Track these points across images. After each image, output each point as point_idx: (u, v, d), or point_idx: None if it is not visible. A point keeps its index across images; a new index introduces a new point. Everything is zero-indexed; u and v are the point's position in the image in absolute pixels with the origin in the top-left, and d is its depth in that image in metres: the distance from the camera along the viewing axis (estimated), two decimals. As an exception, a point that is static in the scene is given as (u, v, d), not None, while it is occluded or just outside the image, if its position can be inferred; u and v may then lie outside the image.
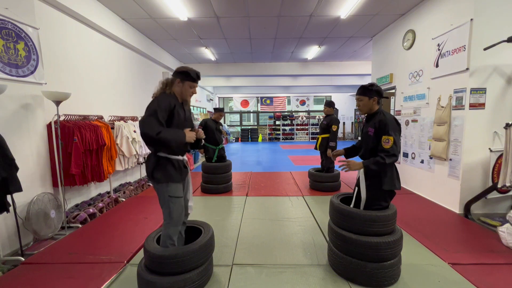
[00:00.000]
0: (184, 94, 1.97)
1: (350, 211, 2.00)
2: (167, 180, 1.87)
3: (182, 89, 1.95)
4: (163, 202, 1.92)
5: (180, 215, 1.95)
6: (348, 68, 8.92)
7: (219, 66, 9.03)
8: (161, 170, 1.87)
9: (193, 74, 1.95)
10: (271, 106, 16.07)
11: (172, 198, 1.89)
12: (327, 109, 4.45)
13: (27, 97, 2.83)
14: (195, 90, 2.02)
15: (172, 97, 1.92)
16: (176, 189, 1.92)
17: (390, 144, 1.91)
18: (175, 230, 1.92)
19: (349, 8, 4.45)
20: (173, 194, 1.89)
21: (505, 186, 2.89)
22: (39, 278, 2.09)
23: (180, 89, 1.95)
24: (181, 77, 1.93)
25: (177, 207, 1.91)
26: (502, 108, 3.26)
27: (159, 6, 4.39)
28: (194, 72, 1.97)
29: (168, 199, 1.89)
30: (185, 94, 1.97)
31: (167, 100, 1.86)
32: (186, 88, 1.95)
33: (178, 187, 1.94)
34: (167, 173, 1.87)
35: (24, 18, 2.79)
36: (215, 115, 4.57)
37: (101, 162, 3.71)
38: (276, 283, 2.01)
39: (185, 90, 1.96)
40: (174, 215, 1.90)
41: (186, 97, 1.98)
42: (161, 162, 1.88)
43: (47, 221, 2.85)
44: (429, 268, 2.18)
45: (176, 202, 1.91)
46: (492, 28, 3.14)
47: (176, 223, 1.92)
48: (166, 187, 1.88)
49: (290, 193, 4.32)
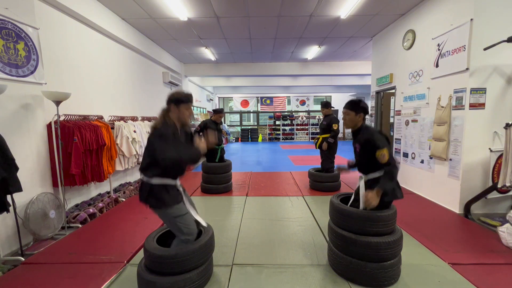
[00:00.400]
0: (182, 118, 1.99)
1: (350, 211, 2.00)
2: (166, 205, 1.88)
3: (179, 114, 1.98)
4: (169, 224, 1.95)
5: (192, 227, 1.96)
6: (348, 68, 8.92)
7: (219, 66, 9.03)
8: (157, 197, 1.86)
9: (184, 98, 1.97)
10: (271, 106, 16.07)
11: (178, 218, 1.90)
12: (325, 110, 4.48)
13: (27, 97, 2.83)
14: (191, 111, 2.05)
15: (171, 126, 1.95)
16: (179, 208, 1.93)
17: (386, 157, 1.91)
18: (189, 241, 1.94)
19: (349, 8, 4.45)
20: (177, 214, 1.90)
21: (505, 186, 2.89)
22: (39, 278, 2.10)
23: (177, 114, 1.97)
24: (174, 103, 1.96)
25: (186, 222, 1.93)
26: (502, 108, 3.26)
27: (159, 6, 4.39)
28: (184, 95, 1.99)
29: (174, 220, 1.90)
30: (183, 117, 1.99)
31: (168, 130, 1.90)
32: (182, 111, 1.98)
33: (179, 206, 1.95)
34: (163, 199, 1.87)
35: (24, 18, 2.79)
36: (214, 116, 4.56)
37: (101, 162, 3.71)
38: (276, 283, 2.01)
39: (182, 114, 1.98)
40: (185, 230, 1.92)
41: (184, 120, 2.01)
42: (155, 189, 1.87)
43: (46, 221, 2.84)
44: (429, 268, 2.18)
45: (183, 219, 1.92)
46: (492, 28, 3.14)
47: (189, 237, 1.94)
48: (166, 210, 1.89)
49: (290, 193, 4.32)
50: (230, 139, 15.53)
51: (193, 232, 1.96)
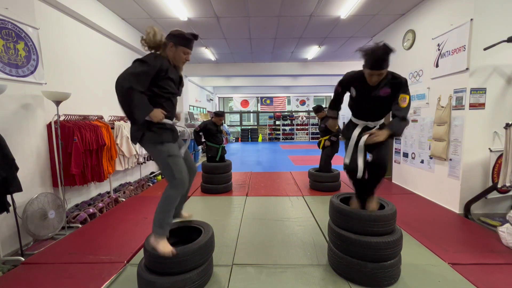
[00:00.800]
0: (177, 61, 1.79)
1: (350, 211, 2.00)
2: (162, 141, 1.77)
3: (174, 54, 1.77)
4: (162, 164, 1.81)
5: (183, 173, 1.83)
6: (348, 68, 8.66)
7: (219, 66, 9.03)
8: (153, 133, 1.77)
9: (186, 40, 1.74)
10: (271, 106, 16.08)
11: (171, 157, 1.79)
12: (319, 114, 4.52)
13: (27, 97, 2.83)
14: (189, 57, 1.83)
15: (165, 59, 1.75)
16: (173, 148, 1.83)
17: (407, 102, 1.92)
18: (178, 193, 1.82)
19: (349, 8, 4.45)
20: (172, 153, 1.79)
21: (505, 186, 2.89)
22: (39, 278, 2.09)
23: (173, 54, 1.77)
24: (174, 40, 1.74)
25: (179, 165, 1.80)
26: (502, 108, 3.26)
27: (159, 6, 4.39)
28: (187, 36, 1.76)
29: (166, 159, 1.78)
30: (178, 60, 1.79)
31: (158, 61, 1.69)
32: (179, 53, 1.77)
33: (174, 146, 1.85)
34: (160, 135, 1.78)
35: (24, 18, 2.79)
36: (215, 118, 4.51)
37: (101, 162, 3.71)
38: (276, 283, 2.01)
39: (178, 56, 1.77)
40: (177, 174, 1.79)
41: (178, 63, 1.81)
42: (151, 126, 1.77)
43: (45, 222, 2.83)
44: (429, 268, 2.18)
45: (176, 159, 1.80)
46: (492, 28, 3.14)
47: (180, 183, 1.80)
48: (162, 147, 1.78)
49: (290, 193, 4.32)
50: (230, 139, 15.54)
51: (184, 179, 1.83)
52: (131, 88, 1.61)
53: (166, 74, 1.74)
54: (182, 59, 1.80)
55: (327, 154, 4.48)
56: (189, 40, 1.79)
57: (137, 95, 1.64)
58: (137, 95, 1.64)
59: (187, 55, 1.81)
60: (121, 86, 1.61)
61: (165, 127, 1.84)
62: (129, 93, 1.61)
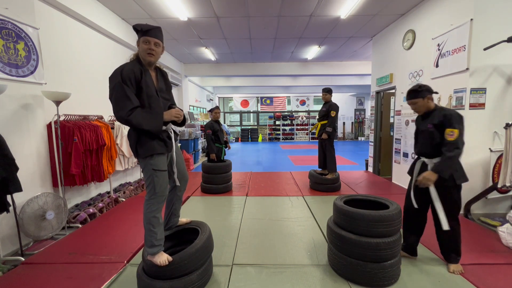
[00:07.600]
0: (142, 54, 1.73)
1: (354, 212, 1.96)
2: (151, 153, 1.78)
3: (140, 50, 1.73)
4: (147, 176, 1.84)
5: (164, 189, 1.87)
6: (348, 68, 8.92)
7: (219, 66, 9.03)
8: (143, 145, 1.78)
9: (139, 28, 1.69)
10: (271, 106, 16.08)
11: (156, 172, 1.81)
12: (327, 95, 4.38)
13: (27, 97, 2.83)
14: (152, 46, 1.73)
15: (134, 63, 1.70)
16: (160, 161, 1.83)
17: (454, 137, 1.90)
18: (159, 206, 1.85)
19: (349, 8, 4.45)
20: (157, 168, 1.81)
21: (505, 186, 2.89)
22: (39, 278, 2.09)
23: (139, 50, 1.73)
24: (137, 36, 1.71)
25: (161, 181, 1.84)
26: (502, 108, 3.26)
27: (159, 6, 4.39)
28: (143, 24, 1.71)
29: (151, 173, 1.80)
30: (143, 54, 1.73)
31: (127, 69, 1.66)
32: (141, 46, 1.72)
33: (162, 159, 1.85)
34: (149, 146, 1.78)
35: (24, 18, 2.79)
36: (213, 114, 4.56)
37: (101, 162, 3.71)
38: (276, 283, 2.01)
39: (142, 50, 1.72)
40: (158, 189, 1.82)
41: (145, 57, 1.73)
42: (142, 137, 1.77)
43: (43, 223, 2.82)
44: (429, 268, 2.18)
45: (160, 175, 1.83)
46: (492, 28, 3.15)
47: (159, 199, 1.84)
48: (150, 160, 1.79)
49: (290, 193, 4.32)
50: (230, 139, 15.54)
51: (164, 195, 1.86)
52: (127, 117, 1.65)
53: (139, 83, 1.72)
54: (145, 51, 1.74)
55: (331, 153, 4.41)
56: (141, 29, 1.73)
57: (138, 114, 1.67)
58: (138, 114, 1.67)
59: (148, 44, 1.73)
60: (121, 120, 1.68)
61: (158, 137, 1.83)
62: (129, 121, 1.67)
